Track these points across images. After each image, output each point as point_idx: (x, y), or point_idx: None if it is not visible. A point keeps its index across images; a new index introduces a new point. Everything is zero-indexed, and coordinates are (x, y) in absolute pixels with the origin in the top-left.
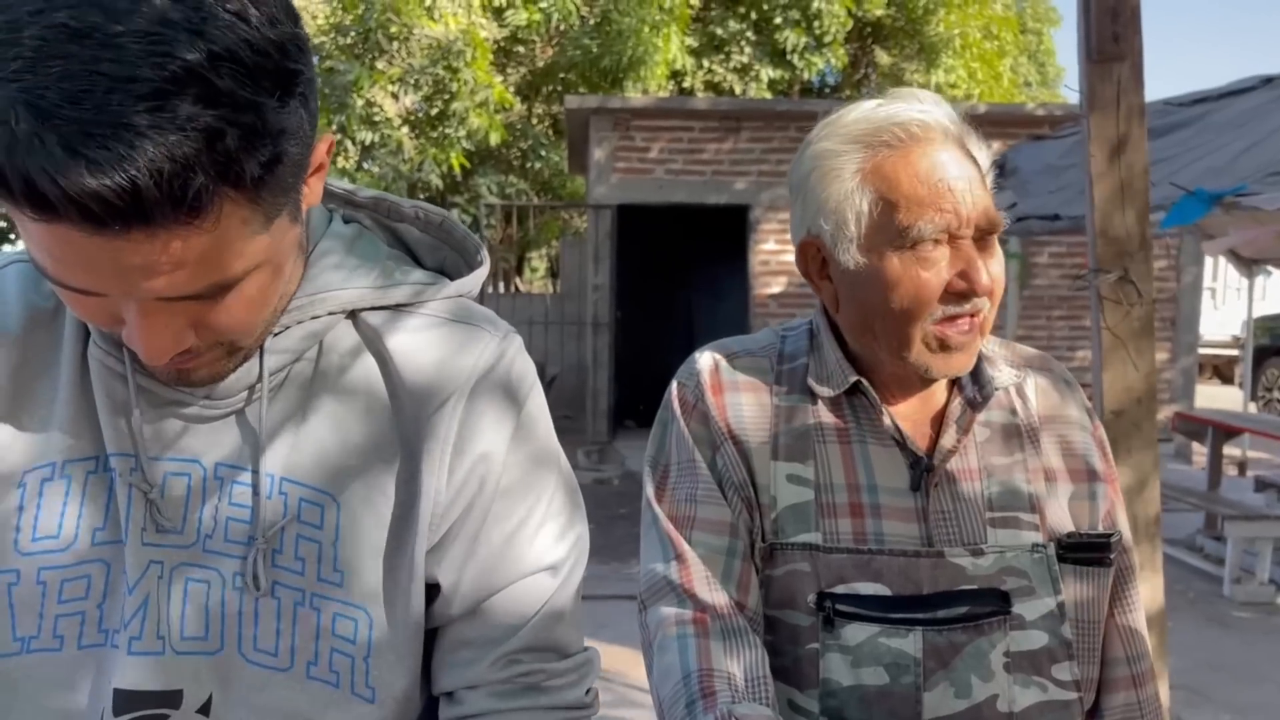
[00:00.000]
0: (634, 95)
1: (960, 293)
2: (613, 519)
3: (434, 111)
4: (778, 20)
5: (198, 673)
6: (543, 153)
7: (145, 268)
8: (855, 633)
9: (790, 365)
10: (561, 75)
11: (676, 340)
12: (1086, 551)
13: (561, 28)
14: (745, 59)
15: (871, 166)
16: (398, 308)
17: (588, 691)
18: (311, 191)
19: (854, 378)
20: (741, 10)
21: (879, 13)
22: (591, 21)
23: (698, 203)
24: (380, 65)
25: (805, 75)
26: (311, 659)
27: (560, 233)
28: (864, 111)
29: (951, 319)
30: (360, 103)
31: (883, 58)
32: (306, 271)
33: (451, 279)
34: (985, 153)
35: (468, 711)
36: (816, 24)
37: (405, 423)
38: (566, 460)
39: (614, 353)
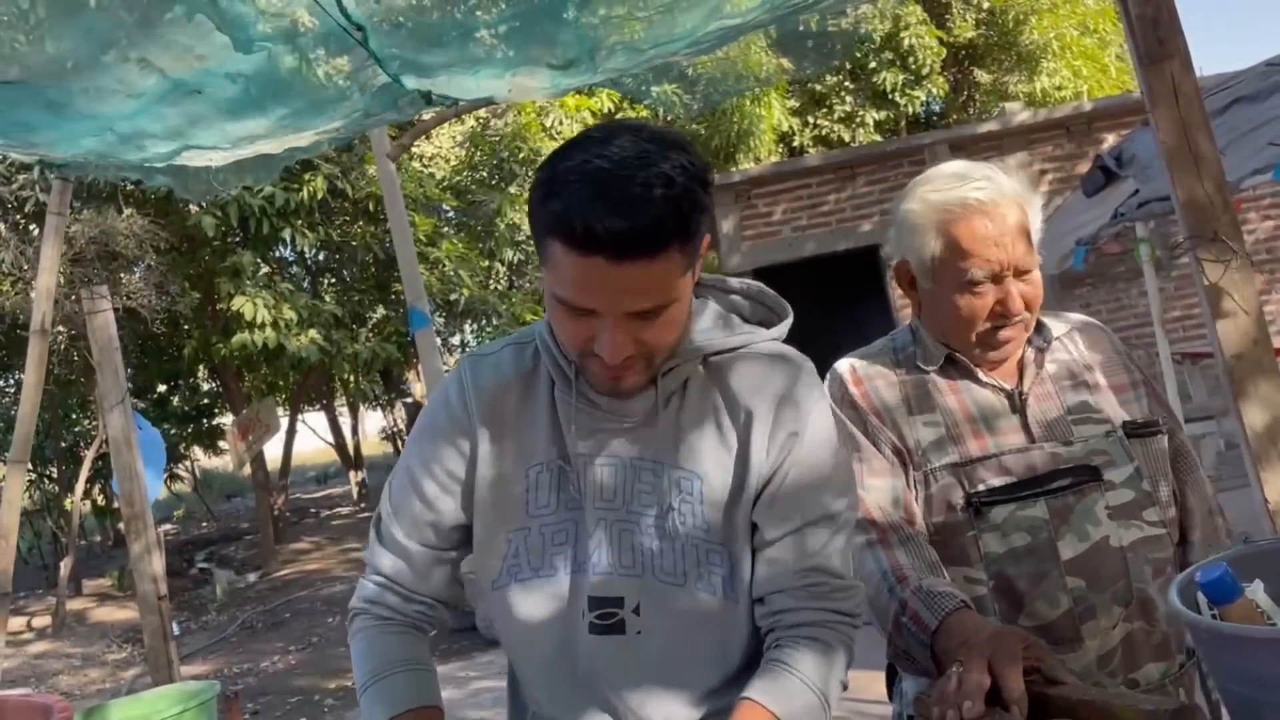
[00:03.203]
0: (748, 165)
1: (998, 314)
2: None
3: None
4: (872, 64)
5: (631, 587)
6: None
7: (627, 290)
8: (999, 513)
9: (904, 354)
10: None
11: None
12: (1143, 429)
13: (669, 118)
14: (848, 108)
15: (943, 227)
16: (733, 350)
17: (856, 606)
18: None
19: (945, 352)
20: (835, 63)
21: (970, 34)
22: (695, 107)
23: (828, 252)
24: (514, 189)
25: (910, 110)
26: (697, 578)
27: None
28: (941, 187)
29: (994, 329)
30: (504, 226)
31: (982, 76)
32: None
33: (767, 328)
34: (1039, 207)
35: (774, 609)
36: (911, 59)
37: (738, 423)
38: (843, 446)
39: None
